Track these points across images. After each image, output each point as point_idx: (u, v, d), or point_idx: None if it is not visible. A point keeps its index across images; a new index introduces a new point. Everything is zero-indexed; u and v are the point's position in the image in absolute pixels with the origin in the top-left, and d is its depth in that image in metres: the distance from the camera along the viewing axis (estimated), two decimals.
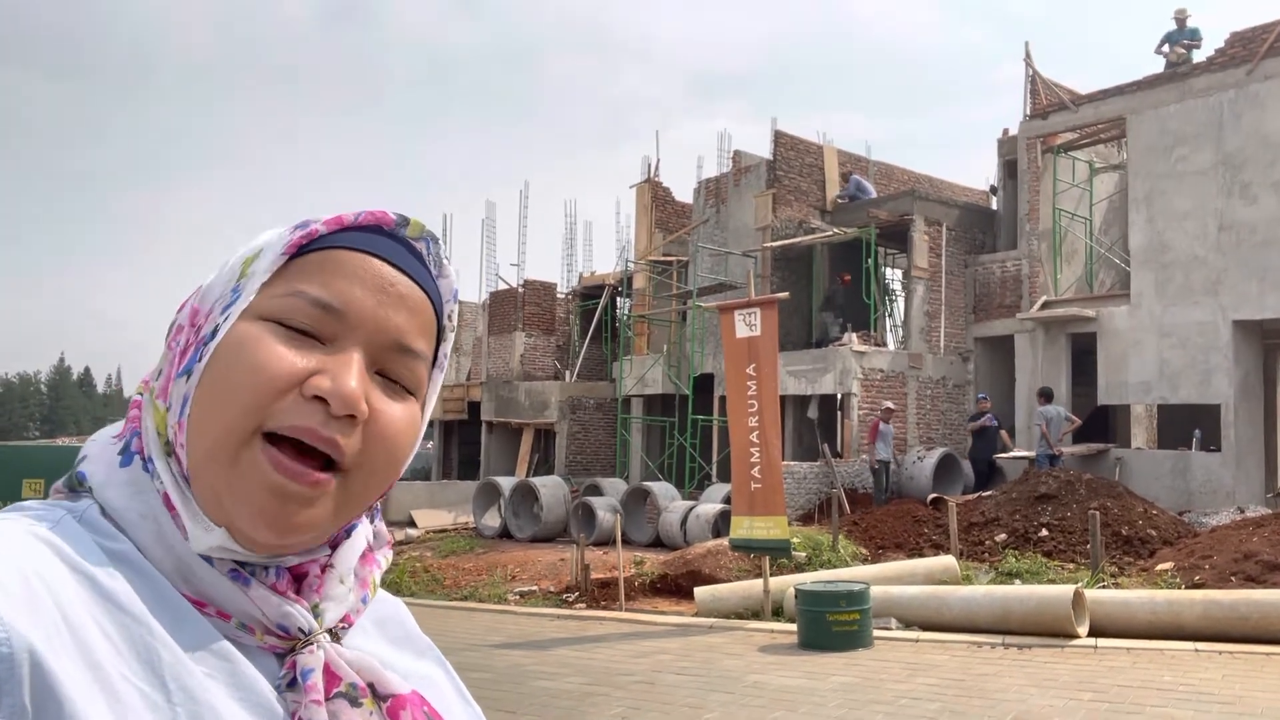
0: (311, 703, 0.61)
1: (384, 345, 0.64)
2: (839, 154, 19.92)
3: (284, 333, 0.62)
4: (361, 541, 0.70)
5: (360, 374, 0.62)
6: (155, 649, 0.56)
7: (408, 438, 0.66)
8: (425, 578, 13.13)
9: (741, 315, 10.10)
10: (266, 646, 0.63)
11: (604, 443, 20.75)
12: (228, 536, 0.60)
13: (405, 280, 0.66)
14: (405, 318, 0.65)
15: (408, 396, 0.66)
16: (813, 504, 14.37)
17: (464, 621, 10.21)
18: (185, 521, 0.61)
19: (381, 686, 0.64)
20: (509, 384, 21.57)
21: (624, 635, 8.98)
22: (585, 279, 23.91)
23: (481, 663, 7.74)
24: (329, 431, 0.61)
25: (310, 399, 0.61)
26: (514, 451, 21.18)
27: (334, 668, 0.63)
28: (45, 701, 0.51)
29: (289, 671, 0.62)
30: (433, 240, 0.70)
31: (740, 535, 9.73)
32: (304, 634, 0.63)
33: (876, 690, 6.45)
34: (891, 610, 8.72)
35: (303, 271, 0.64)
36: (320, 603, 0.65)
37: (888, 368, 16.45)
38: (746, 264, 17.64)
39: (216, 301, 0.65)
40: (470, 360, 25.14)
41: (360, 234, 0.66)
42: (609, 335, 22.13)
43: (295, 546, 0.63)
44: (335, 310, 0.63)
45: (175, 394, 0.63)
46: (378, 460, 0.64)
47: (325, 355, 0.62)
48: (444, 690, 0.74)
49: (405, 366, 0.66)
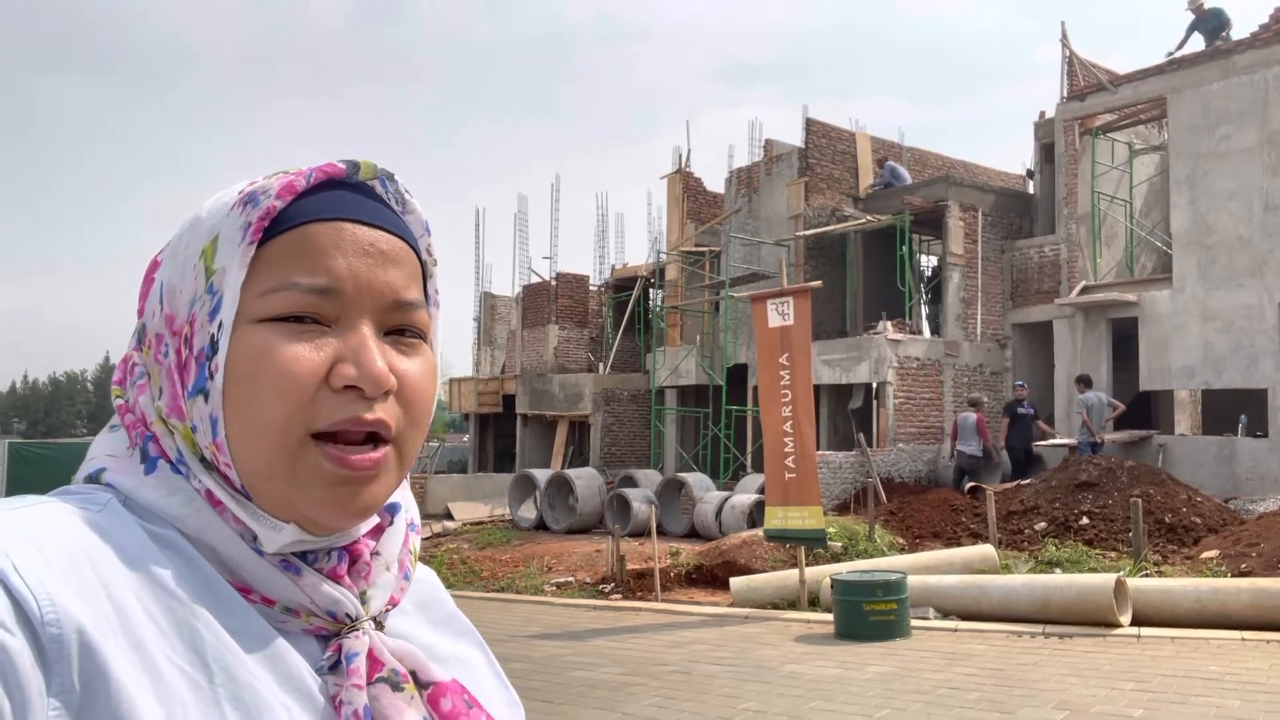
0: (353, 686, 0.61)
1: (383, 307, 0.64)
2: (872, 140, 19.72)
3: (289, 329, 0.61)
4: (403, 526, 0.71)
5: (378, 347, 0.63)
6: (199, 631, 0.57)
7: (432, 385, 0.67)
8: (463, 569, 13.27)
9: (774, 304, 10.06)
10: (311, 629, 0.63)
11: (638, 434, 20.79)
12: (298, 530, 0.62)
13: (382, 235, 0.65)
14: (394, 273, 0.65)
15: (420, 344, 0.67)
16: (849, 493, 14.29)
17: (501, 613, 10.31)
18: (251, 526, 0.61)
19: (423, 674, 0.65)
20: (543, 377, 21.67)
21: (660, 626, 9.02)
22: (618, 271, 23.93)
23: (519, 653, 7.82)
24: (372, 415, 0.62)
25: (341, 389, 0.61)
26: (549, 444, 21.30)
27: (377, 654, 0.64)
28: (93, 681, 0.52)
29: (334, 654, 0.63)
30: (388, 178, 0.68)
31: (775, 525, 9.71)
32: (350, 619, 0.64)
33: (914, 680, 6.42)
34: (929, 600, 8.66)
35: (281, 259, 0.62)
36: (368, 589, 0.66)
37: (924, 356, 16.29)
38: (779, 253, 17.53)
39: (196, 306, 0.63)
40: (505, 353, 25.29)
41: (318, 196, 0.64)
42: (642, 327, 22.14)
43: (364, 520, 0.65)
44: (332, 292, 0.62)
45: (196, 415, 0.62)
46: (416, 417, 0.65)
47: (336, 339, 0.62)
48: (481, 671, 0.75)
49: (408, 319, 0.66)
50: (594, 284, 24.03)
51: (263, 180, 0.65)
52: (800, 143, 18.73)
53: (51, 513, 0.58)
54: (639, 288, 22.38)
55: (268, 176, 0.66)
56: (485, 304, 26.12)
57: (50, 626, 0.51)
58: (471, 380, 24.47)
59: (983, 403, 14.92)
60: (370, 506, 0.64)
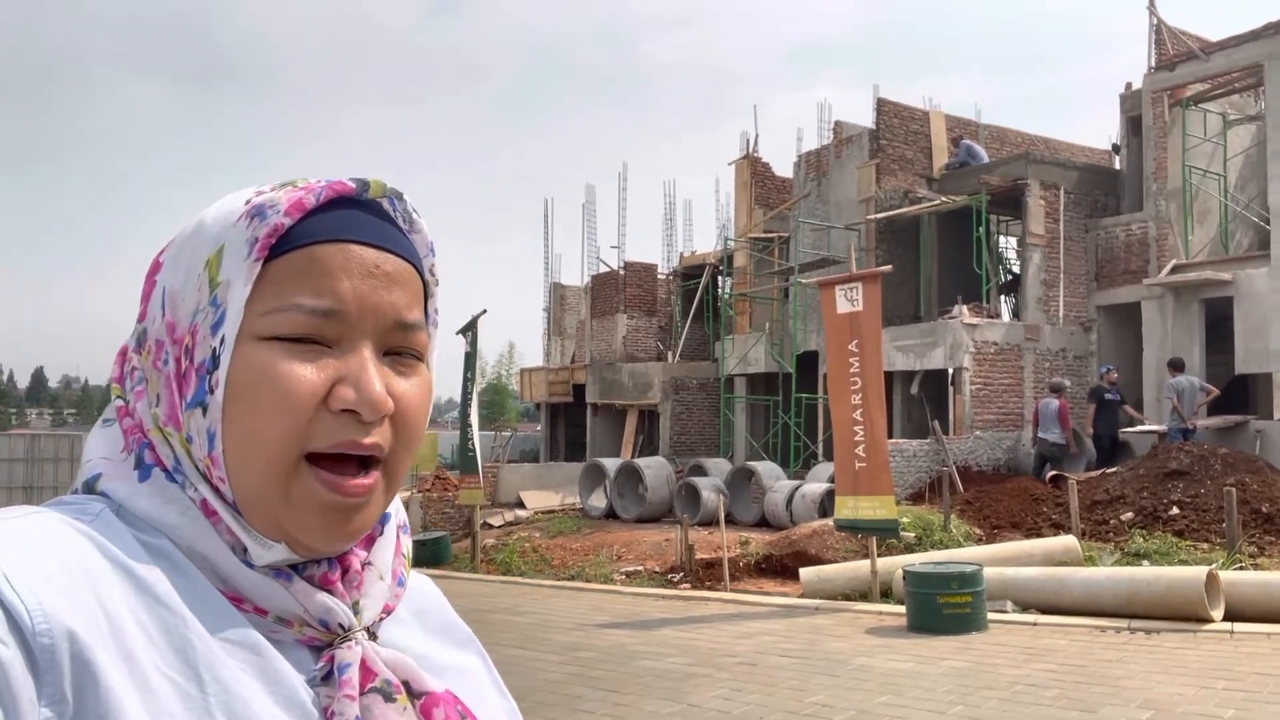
0: (345, 697, 0.61)
1: (385, 329, 0.64)
2: (946, 119, 19.15)
3: (291, 348, 0.61)
4: (393, 535, 0.71)
5: (378, 370, 0.63)
6: (190, 641, 0.57)
7: (426, 407, 0.67)
8: (534, 558, 13.42)
9: (843, 290, 9.86)
10: (304, 640, 0.63)
11: (708, 423, 20.70)
12: (287, 550, 0.62)
13: (388, 257, 0.65)
14: (397, 295, 0.65)
15: (417, 365, 0.67)
16: (923, 482, 13.96)
17: (571, 601, 10.38)
18: (243, 539, 0.62)
19: (416, 684, 0.65)
20: (612, 366, 21.74)
21: (728, 616, 8.95)
22: (686, 259, 23.83)
23: (586, 642, 7.85)
24: (369, 439, 0.62)
25: (339, 412, 0.61)
26: (619, 433, 21.37)
27: (370, 664, 0.63)
28: (84, 691, 0.52)
29: (326, 665, 0.63)
30: (397, 197, 0.68)
31: (845, 515, 9.54)
32: (343, 629, 0.64)
33: (990, 675, 6.22)
34: (1007, 593, 8.39)
35: (286, 276, 0.62)
36: (360, 599, 0.66)
37: (1002, 340, 15.78)
38: (849, 238, 17.19)
39: (199, 317, 0.63)
40: (574, 343, 25.45)
41: (326, 215, 0.64)
42: (710, 315, 22.00)
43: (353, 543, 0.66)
44: (336, 314, 0.62)
45: (193, 427, 0.62)
46: (408, 439, 0.65)
47: (336, 360, 0.62)
48: (481, 681, 0.74)
49: (408, 340, 0.66)
50: (662, 272, 23.98)
51: (270, 192, 0.65)
52: (871, 124, 18.31)
53: (44, 523, 0.58)
54: (707, 275, 22.24)
55: (275, 188, 0.65)
56: (554, 294, 26.32)
57: (42, 637, 0.52)
58: (542, 370, 24.70)
59: (1065, 388, 14.36)
60: (358, 532, 0.64)
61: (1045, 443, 13.74)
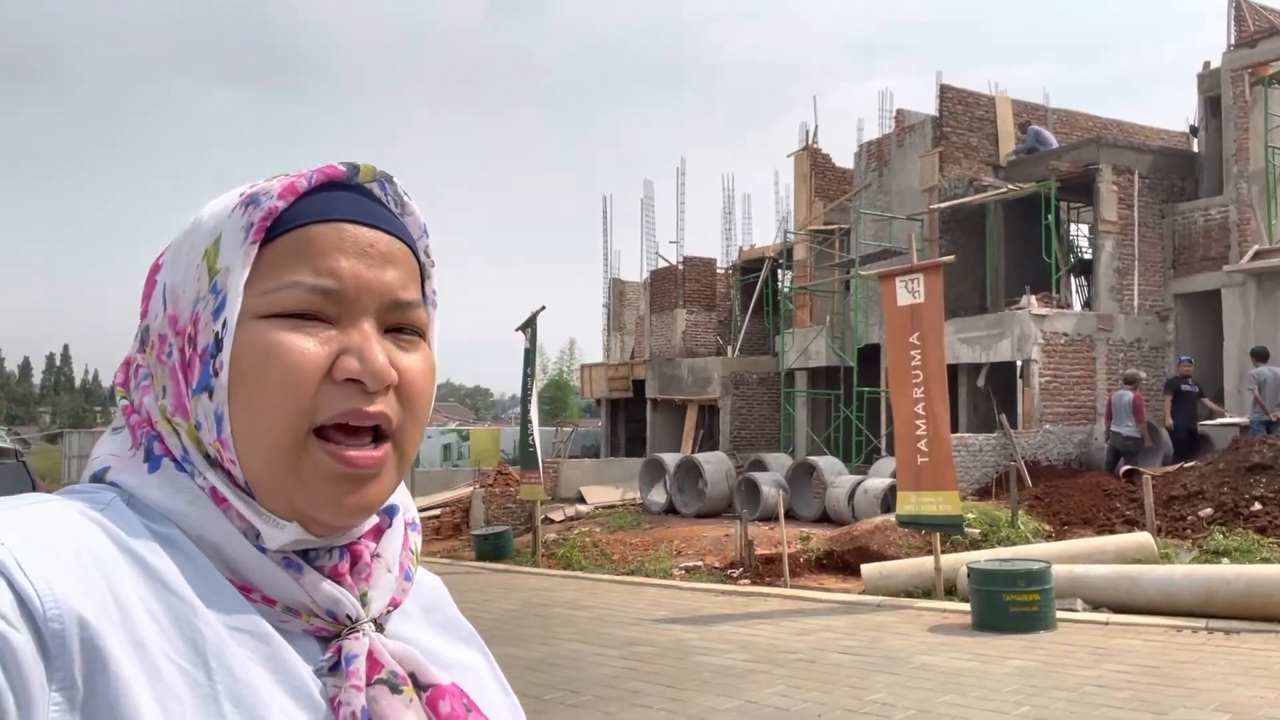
0: (351, 688, 0.61)
1: (383, 307, 0.65)
2: (1013, 104, 18.65)
3: (292, 324, 0.62)
4: (401, 527, 0.72)
5: (380, 343, 0.64)
6: (199, 629, 0.58)
7: (430, 382, 0.68)
8: (594, 552, 13.49)
9: (903, 282, 9.67)
10: (311, 630, 0.64)
11: (768, 417, 20.54)
12: (300, 530, 0.63)
13: (381, 236, 0.66)
14: (393, 274, 0.66)
15: (419, 342, 0.68)
16: (990, 478, 13.64)
17: (630, 596, 10.40)
18: (254, 523, 0.62)
19: (422, 676, 0.65)
20: (672, 361, 21.72)
21: (787, 612, 8.87)
22: (745, 253, 23.67)
23: (645, 637, 7.86)
24: (374, 407, 0.63)
25: (343, 382, 0.62)
26: (679, 428, 21.35)
27: (377, 655, 0.64)
28: (94, 676, 0.53)
29: (333, 655, 0.63)
30: (387, 180, 0.69)
31: (907, 511, 9.37)
32: (351, 620, 0.64)
33: (1058, 675, 6.04)
34: (1077, 591, 8.15)
35: (283, 258, 0.64)
36: (369, 591, 0.66)
37: (1073, 331, 15.32)
38: (911, 228, 16.86)
39: (199, 305, 0.64)
40: (633, 339, 25.49)
41: (319, 197, 0.66)
42: (770, 308, 21.81)
43: (365, 519, 0.66)
44: (334, 292, 0.63)
45: (201, 412, 0.63)
46: (415, 413, 0.66)
47: (339, 334, 0.63)
48: (484, 678, 0.74)
49: (406, 317, 0.67)
50: (721, 267, 23.87)
51: (264, 182, 0.66)
52: (934, 111, 17.92)
53: (56, 510, 0.59)
54: (767, 269, 22.06)
55: (269, 179, 0.67)
56: (614, 290, 26.40)
57: (53, 622, 0.52)
58: (602, 366, 24.80)
59: (1140, 380, 13.86)
60: (371, 505, 0.65)
61: (1119, 436, 13.29)
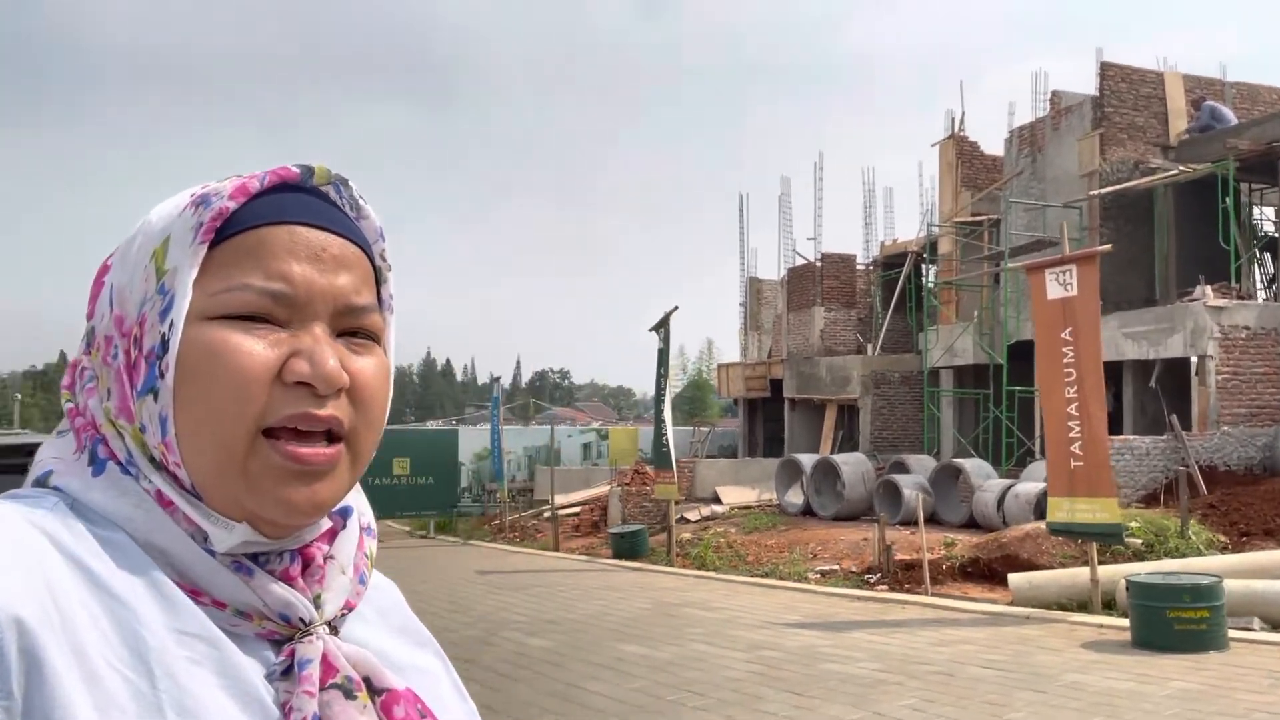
0: (303, 693, 0.60)
1: (336, 311, 0.64)
2: (1185, 79, 17.24)
3: (241, 326, 0.61)
4: (356, 530, 0.70)
5: (332, 346, 0.63)
6: (143, 635, 0.56)
7: (385, 387, 0.67)
8: (729, 553, 13.38)
9: (1054, 274, 9.09)
10: (264, 633, 0.62)
11: (911, 418, 19.80)
12: (250, 530, 0.61)
13: (334, 239, 0.65)
14: (346, 278, 0.65)
15: (373, 346, 0.67)
16: (1158, 484, 12.63)
17: (763, 598, 10.25)
18: (202, 525, 0.61)
19: (377, 681, 0.64)
20: (810, 360, 21.30)
21: (926, 621, 8.50)
22: (886, 247, 22.95)
23: (773, 640, 7.71)
24: (325, 411, 0.62)
25: (293, 385, 0.61)
26: (817, 428, 20.92)
27: (331, 659, 0.62)
28: (32, 685, 0.52)
29: (286, 659, 0.61)
30: (342, 183, 0.68)
31: (1060, 519, 8.79)
32: (304, 624, 0.63)
33: (1225, 700, 5.50)
34: (1254, 608, 7.42)
35: (233, 259, 0.62)
36: (322, 593, 0.65)
37: (1255, 324, 13.99)
38: (1068, 217, 15.86)
39: (146, 306, 0.63)
40: (770, 338, 25.17)
41: (271, 199, 0.64)
42: (914, 305, 21.03)
43: (316, 519, 0.65)
44: (285, 295, 0.62)
45: (145, 414, 0.62)
46: (370, 417, 0.65)
47: (289, 336, 0.62)
48: (440, 682, 0.73)
49: (359, 322, 0.66)
50: (861, 262, 23.23)
51: (215, 183, 0.65)
52: (1094, 91, 16.79)
53: None
54: (909, 264, 21.29)
55: (221, 180, 0.66)
56: (751, 289, 26.16)
57: None
58: (739, 365, 24.62)
59: None
60: (323, 504, 0.63)
61: None
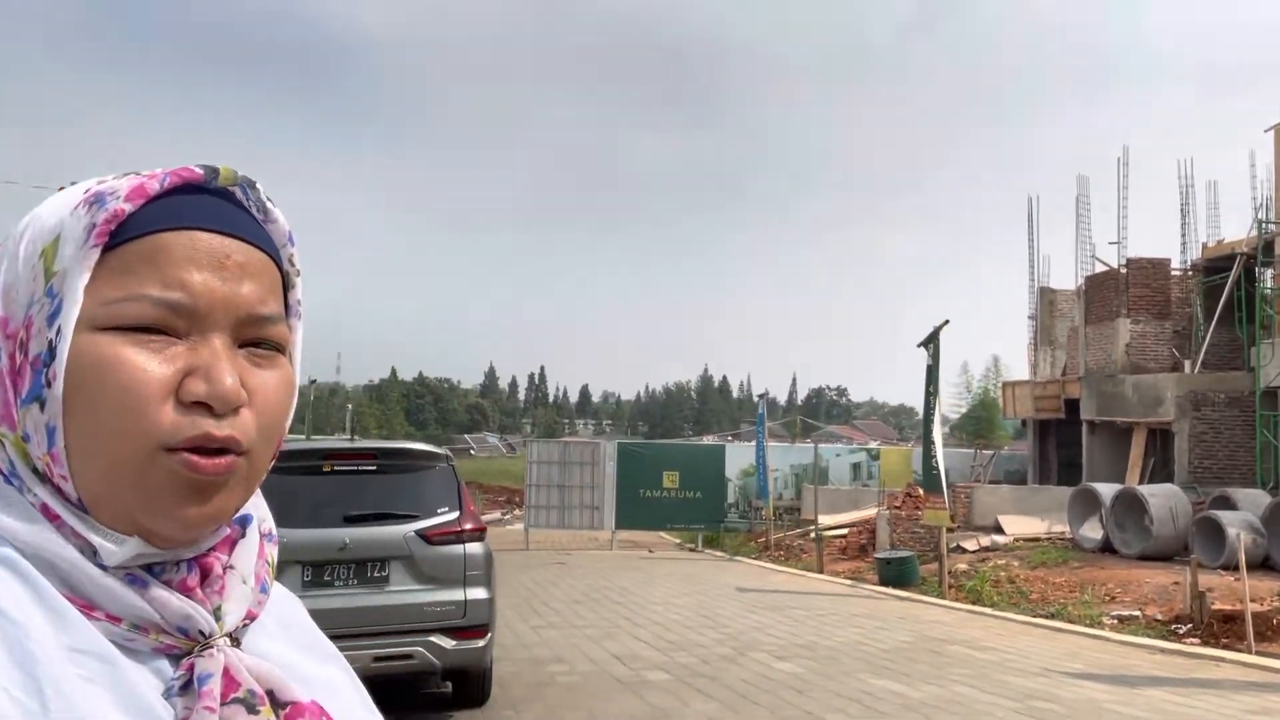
0: (204, 709, 0.58)
1: (238, 321, 0.62)
2: None
3: (135, 339, 0.59)
4: (256, 538, 0.69)
5: (230, 363, 0.60)
6: (32, 653, 0.54)
7: (287, 400, 0.65)
8: (1009, 589, 12.28)
9: None
10: (162, 648, 0.60)
11: (1240, 445, 17.06)
12: (142, 543, 0.60)
13: (239, 246, 0.62)
14: (251, 287, 0.62)
15: (276, 357, 0.64)
16: None
17: (1044, 641, 9.26)
18: (91, 539, 0.59)
19: (281, 694, 0.62)
20: (1112, 378, 19.11)
21: (1244, 684, 7.21)
22: (1209, 249, 20.07)
23: (1050, 690, 6.91)
24: (223, 431, 0.60)
25: (190, 405, 0.59)
26: (1121, 455, 18.68)
27: (233, 672, 0.61)
28: None
29: (185, 673, 0.60)
30: (249, 185, 0.65)
31: None
32: (204, 636, 0.61)
33: None
34: None
35: (129, 266, 0.60)
36: (222, 604, 0.63)
37: None
38: None
39: (33, 308, 0.60)
40: (1065, 353, 22.90)
41: (172, 201, 0.62)
42: (1243, 314, 18.17)
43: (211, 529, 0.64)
44: (183, 306, 0.60)
45: (30, 424, 0.59)
46: (269, 432, 0.63)
47: (186, 350, 0.60)
48: (347, 697, 0.71)
49: (264, 333, 0.63)
50: (1176, 267, 20.51)
51: (112, 180, 0.63)
52: None
53: None
54: (1238, 267, 18.43)
55: (118, 176, 0.63)
56: (1043, 300, 24.00)
57: None
58: (1027, 384, 22.65)
59: None
60: (218, 516, 0.62)
61: None
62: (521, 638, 8.95)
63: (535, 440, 27.36)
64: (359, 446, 6.15)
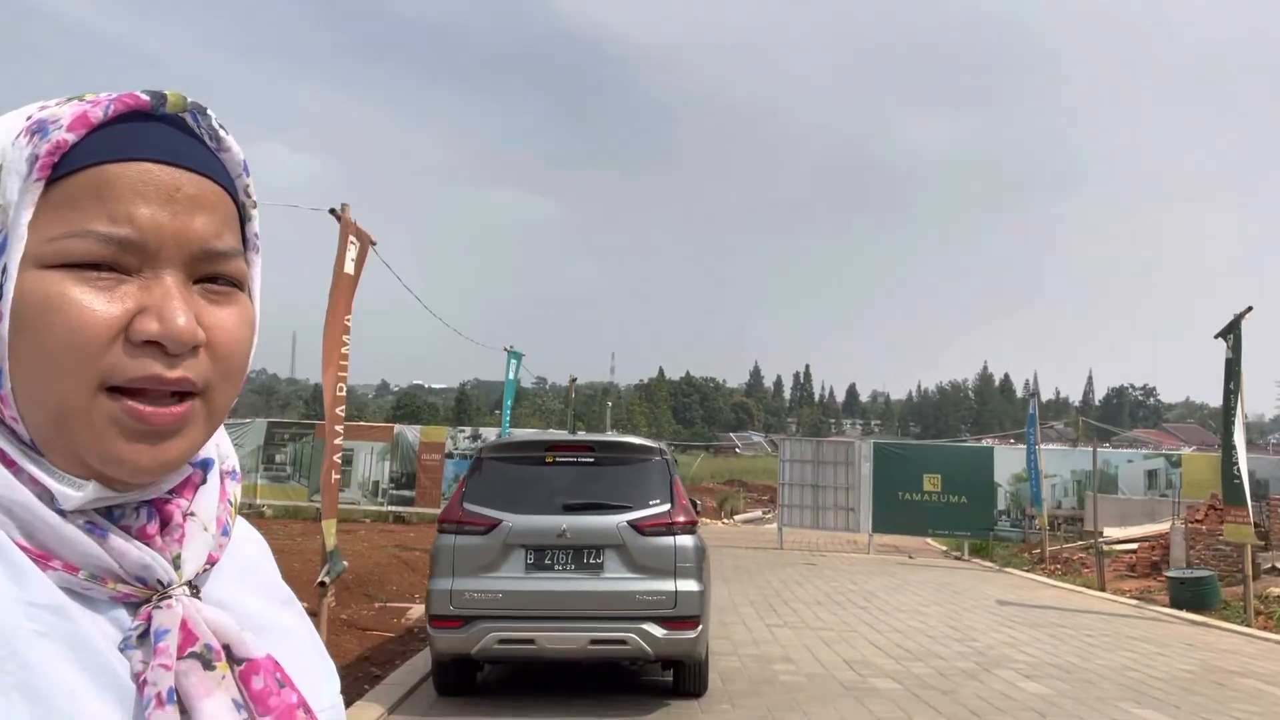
0: (159, 666, 0.57)
1: (192, 256, 0.59)
2: None
3: (83, 276, 0.56)
4: (217, 480, 0.68)
5: (184, 301, 0.58)
6: None
7: (246, 339, 0.63)
8: None
9: None
10: (119, 596, 0.59)
11: None
12: (100, 487, 0.58)
13: (190, 176, 0.60)
14: (204, 220, 0.59)
15: (234, 293, 0.62)
16: None
17: None
18: (48, 483, 0.58)
19: (237, 649, 0.61)
20: None
21: None
22: None
23: None
24: (174, 372, 0.58)
25: (141, 344, 0.57)
26: None
27: (191, 625, 0.60)
28: None
29: (142, 624, 0.59)
30: (200, 111, 0.62)
31: None
32: (163, 585, 0.60)
33: None
34: None
35: (74, 200, 0.57)
36: (182, 553, 0.62)
37: None
38: None
39: None
40: None
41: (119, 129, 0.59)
42: None
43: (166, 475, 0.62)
44: (132, 242, 0.57)
45: None
46: (228, 370, 0.61)
47: (137, 288, 0.57)
48: (302, 641, 0.71)
49: (220, 268, 0.61)
50: None
51: (55, 106, 0.60)
52: None
53: None
54: None
55: (60, 102, 0.60)
56: None
57: None
58: None
59: None
60: (171, 462, 0.60)
61: None
62: (755, 634, 8.96)
63: (789, 439, 27.13)
64: (579, 439, 6.49)
